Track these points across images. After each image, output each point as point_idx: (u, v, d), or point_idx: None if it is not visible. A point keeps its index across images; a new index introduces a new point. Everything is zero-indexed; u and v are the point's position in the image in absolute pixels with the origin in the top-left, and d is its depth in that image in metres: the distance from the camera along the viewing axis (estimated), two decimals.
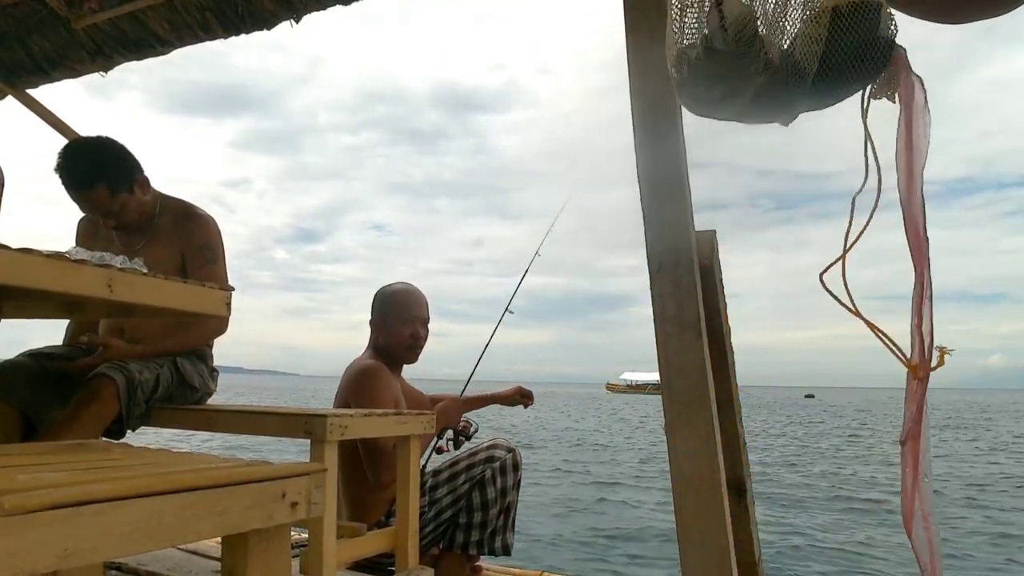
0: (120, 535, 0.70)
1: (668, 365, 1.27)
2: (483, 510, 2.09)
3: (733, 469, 1.40)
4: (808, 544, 6.37)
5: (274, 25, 2.42)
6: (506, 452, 2.16)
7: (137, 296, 1.20)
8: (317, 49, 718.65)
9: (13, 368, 1.85)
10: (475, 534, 2.09)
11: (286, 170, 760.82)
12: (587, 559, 5.70)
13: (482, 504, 2.09)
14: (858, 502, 8.68)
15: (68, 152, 1.91)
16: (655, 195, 1.31)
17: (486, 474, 2.10)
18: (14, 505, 0.62)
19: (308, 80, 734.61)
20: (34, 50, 2.76)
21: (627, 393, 66.96)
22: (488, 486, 2.10)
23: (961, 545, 6.41)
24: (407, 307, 2.25)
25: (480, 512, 2.09)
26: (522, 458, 2.20)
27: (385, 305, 2.26)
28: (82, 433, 1.65)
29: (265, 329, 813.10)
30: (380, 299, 2.29)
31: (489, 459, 2.13)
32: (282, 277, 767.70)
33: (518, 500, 2.18)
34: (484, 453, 2.15)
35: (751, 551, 1.45)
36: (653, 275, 1.30)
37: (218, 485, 0.81)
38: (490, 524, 2.10)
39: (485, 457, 2.14)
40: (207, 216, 2.09)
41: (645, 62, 1.33)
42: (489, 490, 2.09)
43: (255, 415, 1.77)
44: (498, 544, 2.12)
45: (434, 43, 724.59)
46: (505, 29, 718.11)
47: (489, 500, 2.09)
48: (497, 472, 2.11)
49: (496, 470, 2.11)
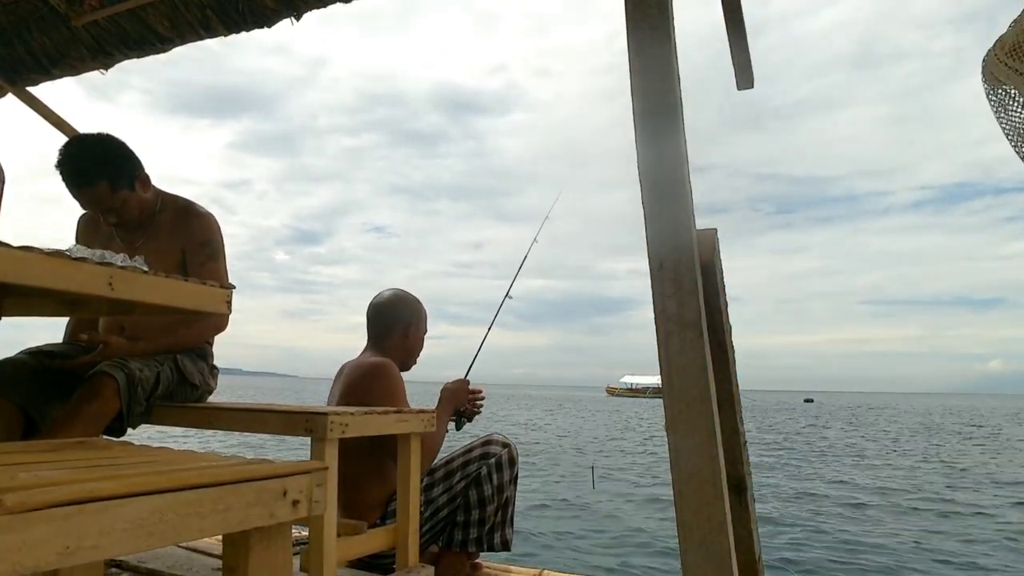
0: (121, 533, 0.70)
1: (669, 363, 1.27)
2: (480, 507, 2.08)
3: (733, 467, 1.41)
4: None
5: (275, 23, 2.41)
6: (501, 447, 2.14)
7: (137, 294, 1.20)
8: (317, 51, 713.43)
9: (14, 366, 1.85)
10: (473, 531, 2.08)
11: (286, 172, 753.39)
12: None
13: (479, 501, 2.08)
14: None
15: (69, 149, 1.90)
16: (656, 193, 1.31)
17: (482, 471, 2.09)
18: (15, 503, 0.62)
19: (308, 82, 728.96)
20: (34, 47, 2.75)
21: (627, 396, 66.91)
22: (484, 483, 2.09)
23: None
24: (426, 317, 2.37)
25: (477, 510, 2.08)
26: (518, 452, 2.19)
27: (415, 311, 2.33)
28: (83, 431, 1.65)
29: (264, 330, 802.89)
30: (409, 305, 2.32)
31: (484, 456, 2.12)
32: (281, 279, 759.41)
33: (516, 495, 2.17)
34: (479, 450, 2.14)
35: (752, 550, 1.45)
36: (654, 273, 1.30)
37: (219, 483, 0.81)
38: (488, 521, 2.09)
39: (481, 454, 2.13)
40: (208, 213, 2.09)
41: (647, 62, 1.33)
42: (486, 487, 2.09)
43: (256, 413, 1.77)
44: (497, 540, 2.12)
45: (434, 45, 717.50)
46: (505, 31, 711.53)
47: (486, 497, 2.08)
48: (493, 468, 2.10)
49: (492, 467, 2.10)
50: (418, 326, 2.33)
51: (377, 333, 2.28)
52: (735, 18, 1.76)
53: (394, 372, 2.14)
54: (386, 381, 2.10)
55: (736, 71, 1.88)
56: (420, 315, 2.34)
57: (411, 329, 2.30)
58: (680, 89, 1.33)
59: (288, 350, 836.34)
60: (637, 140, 1.33)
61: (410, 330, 2.29)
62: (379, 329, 2.28)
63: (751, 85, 1.90)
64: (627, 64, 1.34)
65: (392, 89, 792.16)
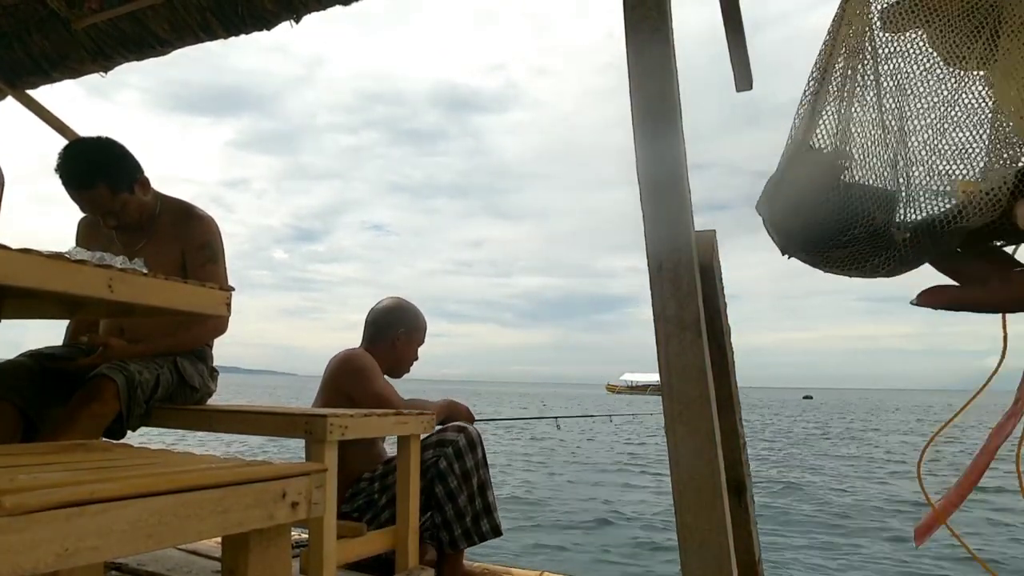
0: (121, 535, 0.70)
1: (668, 365, 1.27)
2: (451, 501, 1.99)
3: (733, 469, 1.41)
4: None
5: (274, 25, 2.42)
6: (457, 433, 2.04)
7: (137, 296, 1.20)
8: (316, 49, 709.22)
9: (14, 368, 1.85)
10: (457, 528, 2.00)
11: (285, 170, 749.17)
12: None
13: (448, 495, 1.99)
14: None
15: (69, 152, 1.91)
16: (655, 195, 1.31)
17: (440, 464, 2.00)
18: (15, 505, 0.62)
19: (307, 80, 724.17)
20: (34, 50, 2.75)
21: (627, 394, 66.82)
22: (448, 475, 1.99)
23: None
24: (424, 329, 2.37)
25: (450, 505, 1.99)
26: (479, 434, 2.08)
27: (414, 320, 2.33)
28: (82, 433, 1.65)
29: (263, 329, 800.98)
30: (406, 314, 2.32)
31: (440, 443, 2.03)
32: (280, 277, 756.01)
33: (490, 477, 2.09)
34: (434, 437, 2.04)
35: (751, 551, 1.45)
36: (653, 275, 1.30)
37: (218, 485, 0.81)
38: (467, 513, 2.01)
39: (436, 441, 2.03)
40: (207, 216, 2.10)
41: (646, 62, 1.33)
42: (450, 479, 1.99)
43: (255, 415, 1.77)
44: (485, 528, 2.04)
45: (433, 44, 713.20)
46: (504, 30, 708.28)
47: (453, 490, 1.99)
48: (452, 458, 2.00)
49: (451, 456, 2.00)
50: (410, 336, 2.31)
51: (369, 336, 2.30)
52: (734, 20, 1.76)
53: (366, 360, 2.15)
54: (353, 367, 2.12)
55: (735, 73, 1.89)
56: (415, 326, 2.33)
57: (402, 339, 2.29)
58: (679, 91, 1.33)
59: (286, 348, 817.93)
60: (636, 142, 1.33)
61: (399, 340, 2.28)
62: (371, 334, 2.30)
63: (750, 87, 1.90)
64: (625, 63, 1.34)
65: (391, 87, 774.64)
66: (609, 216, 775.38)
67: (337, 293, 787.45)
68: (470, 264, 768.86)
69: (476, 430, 2.10)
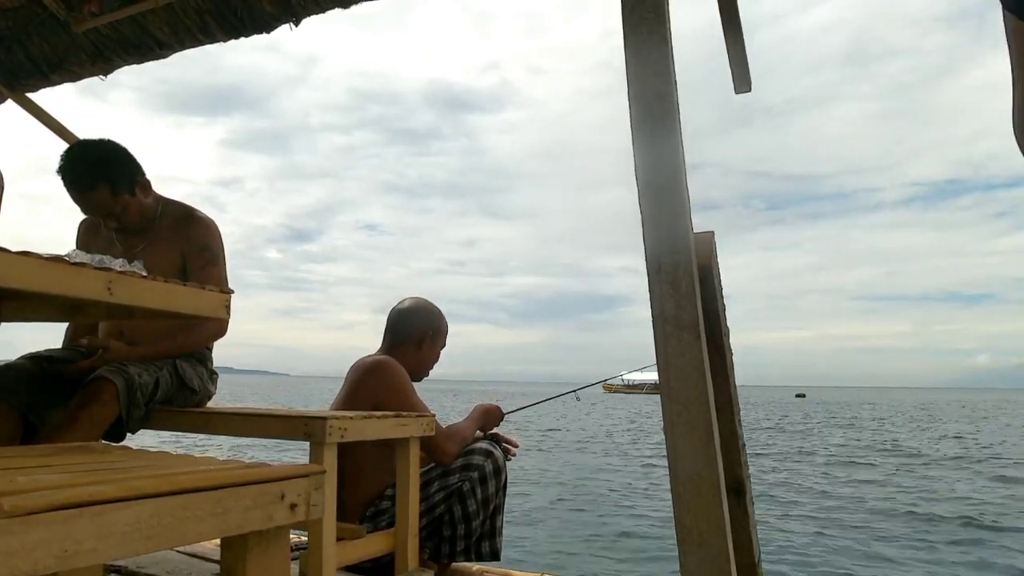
0: (120, 536, 0.70)
1: (667, 366, 1.27)
2: (466, 522, 2.01)
3: (732, 470, 1.40)
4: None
5: (274, 28, 2.42)
6: (484, 458, 2.03)
7: (137, 299, 1.20)
8: (311, 49, 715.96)
9: (13, 370, 1.85)
10: (460, 544, 2.02)
11: (279, 169, 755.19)
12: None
13: (464, 517, 2.01)
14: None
15: (71, 154, 1.91)
16: (654, 197, 1.32)
17: (464, 486, 2.00)
18: (14, 506, 0.62)
19: (301, 80, 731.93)
20: (34, 53, 2.76)
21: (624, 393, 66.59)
22: (468, 498, 2.00)
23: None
24: (446, 332, 2.33)
25: (463, 524, 2.01)
26: (505, 460, 2.09)
27: (439, 322, 2.28)
28: (82, 435, 1.65)
29: (256, 329, 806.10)
30: (430, 316, 2.27)
31: (466, 467, 2.02)
32: (274, 277, 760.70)
33: (504, 502, 2.10)
34: (460, 460, 2.04)
35: (750, 552, 1.45)
36: (652, 276, 1.30)
37: (217, 486, 0.81)
38: (475, 533, 2.03)
39: (461, 465, 2.03)
40: (208, 219, 2.10)
41: (644, 64, 1.33)
42: (470, 503, 2.00)
43: (254, 417, 1.77)
44: (486, 549, 2.06)
45: (427, 43, 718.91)
46: (498, 29, 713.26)
47: (471, 512, 2.00)
48: (477, 483, 2.01)
49: (475, 480, 2.01)
50: (435, 340, 2.26)
51: (392, 339, 2.22)
52: (732, 23, 1.76)
53: (396, 368, 2.07)
54: (389, 377, 2.04)
55: (734, 75, 1.89)
56: (439, 329, 2.28)
57: (427, 342, 2.24)
58: (677, 93, 1.33)
59: (280, 348, 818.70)
60: (634, 144, 1.33)
61: (425, 342, 2.23)
62: (394, 335, 2.22)
63: (748, 88, 1.91)
64: (623, 63, 1.34)
65: (385, 87, 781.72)
66: (603, 216, 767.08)
67: (331, 293, 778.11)
68: (464, 264, 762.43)
69: (502, 455, 2.10)
